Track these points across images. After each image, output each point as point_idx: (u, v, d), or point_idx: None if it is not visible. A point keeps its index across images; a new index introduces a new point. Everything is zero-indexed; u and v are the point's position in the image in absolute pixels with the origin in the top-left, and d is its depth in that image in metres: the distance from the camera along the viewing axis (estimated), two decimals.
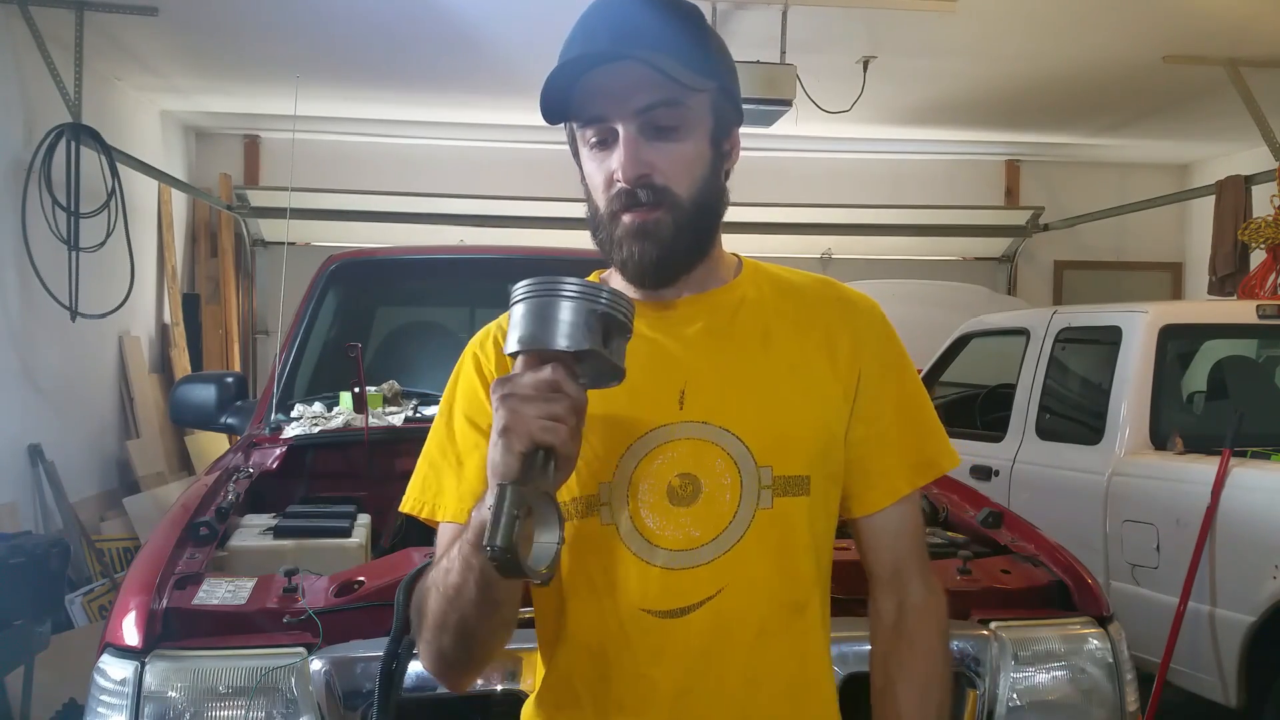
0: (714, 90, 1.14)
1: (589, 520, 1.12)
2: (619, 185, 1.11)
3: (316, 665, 1.56)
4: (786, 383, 1.16)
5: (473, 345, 1.24)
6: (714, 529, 1.11)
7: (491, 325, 1.25)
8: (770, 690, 1.13)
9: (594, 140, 1.13)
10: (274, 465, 2.53)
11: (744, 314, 1.20)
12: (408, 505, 1.20)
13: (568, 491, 1.10)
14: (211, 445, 6.48)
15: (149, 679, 1.53)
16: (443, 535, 1.16)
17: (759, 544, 1.11)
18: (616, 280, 1.21)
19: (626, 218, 1.12)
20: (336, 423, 2.69)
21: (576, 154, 1.18)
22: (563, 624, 1.15)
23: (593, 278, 1.22)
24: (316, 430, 2.65)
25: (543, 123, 1.13)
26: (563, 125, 1.17)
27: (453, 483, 1.16)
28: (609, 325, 0.99)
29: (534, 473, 0.95)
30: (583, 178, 1.18)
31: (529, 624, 1.21)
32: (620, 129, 1.10)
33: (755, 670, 1.12)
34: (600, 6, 1.13)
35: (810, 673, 1.16)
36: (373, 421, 2.63)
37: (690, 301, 1.19)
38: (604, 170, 1.12)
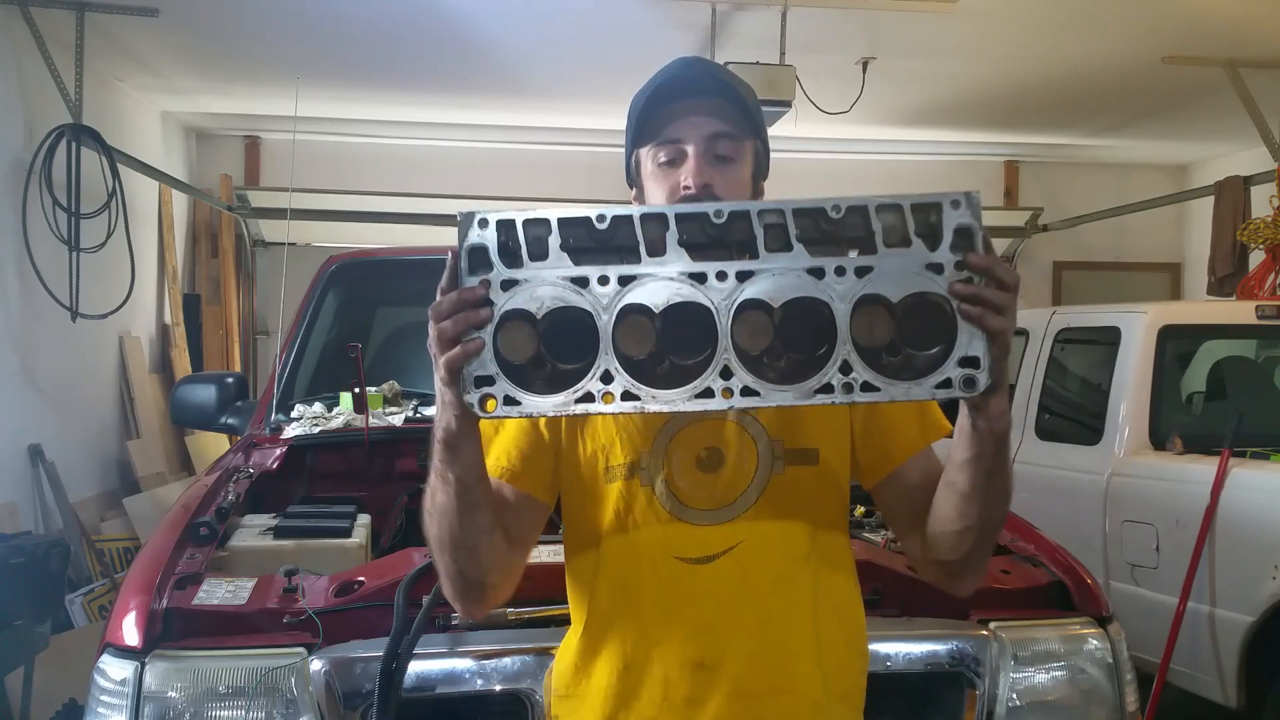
0: (757, 143, 1.38)
1: (631, 482, 1.32)
2: (685, 193, 1.29)
3: (316, 665, 1.57)
4: None
5: None
6: (734, 492, 1.31)
7: None
8: (782, 627, 1.30)
9: (663, 160, 1.33)
10: (274, 465, 2.53)
11: None
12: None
13: (614, 458, 1.32)
14: (212, 445, 6.48)
15: (149, 679, 1.54)
16: None
17: (772, 505, 1.31)
18: None
19: None
20: (337, 423, 2.69)
21: (636, 178, 1.39)
22: (600, 568, 1.33)
23: None
24: (317, 430, 2.65)
25: (541, 123, 1.15)
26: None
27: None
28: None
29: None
30: (636, 197, 1.38)
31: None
32: (690, 149, 1.31)
33: (770, 611, 1.30)
34: (680, 63, 1.36)
35: (823, 610, 1.33)
36: (373, 422, 2.63)
37: None
38: (669, 183, 1.32)
